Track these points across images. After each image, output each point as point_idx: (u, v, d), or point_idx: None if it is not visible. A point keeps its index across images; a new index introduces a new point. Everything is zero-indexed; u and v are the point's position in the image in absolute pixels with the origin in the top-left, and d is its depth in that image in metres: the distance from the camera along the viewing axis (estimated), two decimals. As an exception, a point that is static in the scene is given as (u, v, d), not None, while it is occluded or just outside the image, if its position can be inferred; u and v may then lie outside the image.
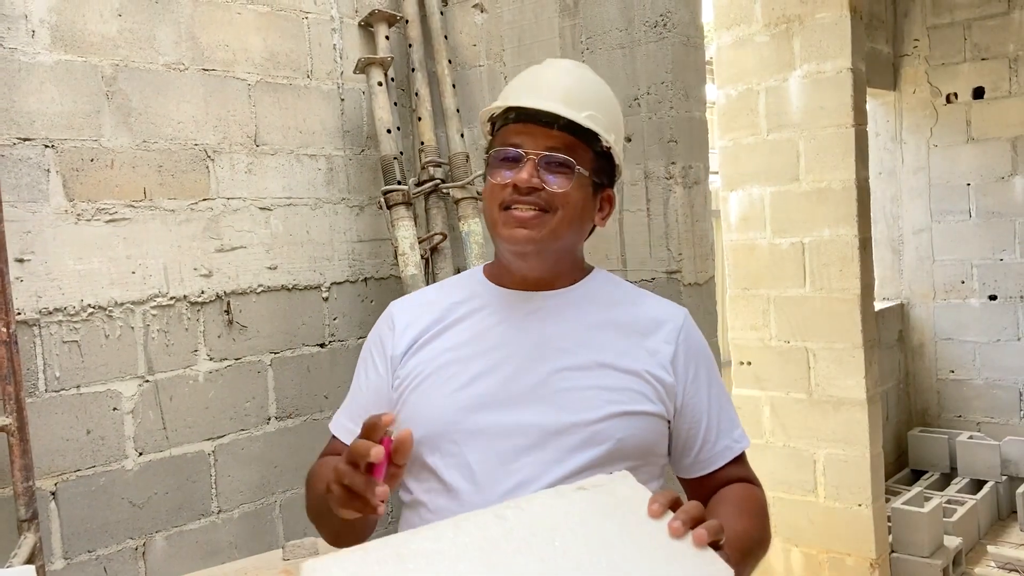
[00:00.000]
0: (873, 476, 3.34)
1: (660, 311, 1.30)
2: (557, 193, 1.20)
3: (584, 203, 1.23)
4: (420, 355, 1.25)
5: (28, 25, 1.83)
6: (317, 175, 2.37)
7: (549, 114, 1.20)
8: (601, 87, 1.30)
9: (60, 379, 1.87)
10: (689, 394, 1.24)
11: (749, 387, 3.63)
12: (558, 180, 1.20)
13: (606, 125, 1.25)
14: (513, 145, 1.21)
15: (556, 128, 1.20)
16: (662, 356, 1.24)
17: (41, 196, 1.84)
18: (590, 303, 1.28)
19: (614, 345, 1.23)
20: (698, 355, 1.28)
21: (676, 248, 2.12)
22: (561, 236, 1.22)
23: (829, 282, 3.38)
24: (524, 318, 1.26)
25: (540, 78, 1.27)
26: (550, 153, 1.20)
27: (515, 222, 1.20)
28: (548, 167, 1.20)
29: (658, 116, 2.12)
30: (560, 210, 1.20)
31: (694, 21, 2.18)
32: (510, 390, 1.20)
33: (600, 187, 1.27)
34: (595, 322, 1.26)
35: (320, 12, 2.38)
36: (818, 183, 3.40)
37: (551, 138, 1.20)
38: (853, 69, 3.28)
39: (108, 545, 1.93)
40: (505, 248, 1.25)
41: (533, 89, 1.24)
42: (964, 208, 4.83)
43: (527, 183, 1.18)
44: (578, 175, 1.21)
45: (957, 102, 4.80)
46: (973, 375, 4.90)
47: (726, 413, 1.28)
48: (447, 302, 1.31)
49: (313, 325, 2.35)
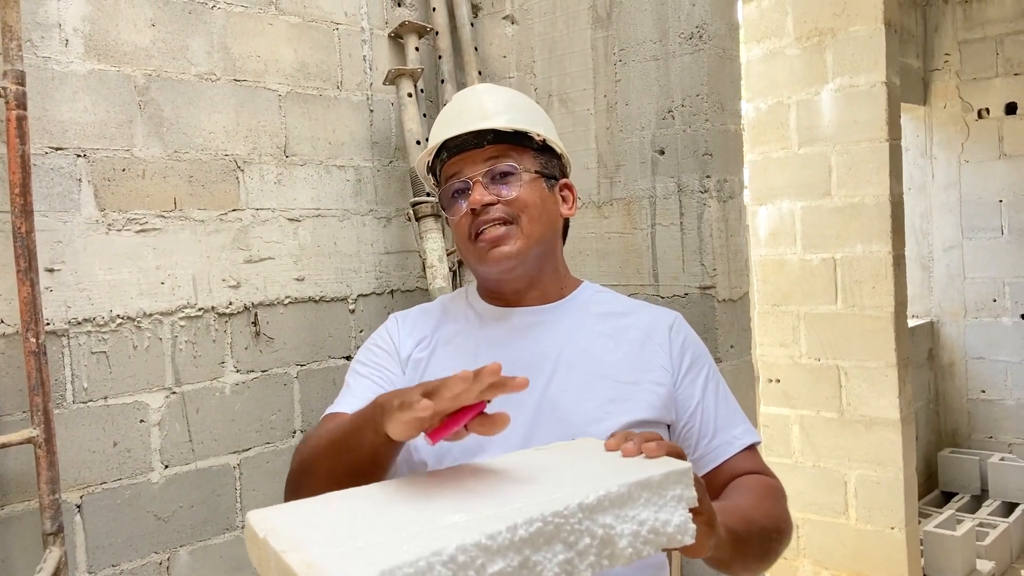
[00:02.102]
0: (907, 498, 3.27)
1: (653, 318, 1.30)
2: (513, 199, 1.22)
3: (543, 199, 1.26)
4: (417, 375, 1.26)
5: (62, 34, 1.83)
6: (345, 186, 2.35)
7: (474, 134, 1.24)
8: (514, 93, 1.34)
9: (88, 390, 1.85)
10: (683, 392, 1.23)
11: (778, 405, 3.57)
12: (508, 188, 1.23)
13: (530, 120, 1.28)
14: (455, 176, 1.25)
15: (486, 144, 1.24)
16: (657, 361, 1.24)
17: (72, 206, 1.83)
18: (582, 315, 1.29)
19: (610, 356, 1.23)
20: (691, 353, 1.27)
21: (710, 263, 2.08)
22: (535, 237, 1.24)
23: (862, 299, 3.32)
24: (518, 334, 1.27)
25: (456, 109, 1.30)
26: (490, 168, 1.23)
27: (488, 245, 1.22)
28: (494, 180, 1.23)
29: (692, 129, 2.08)
30: (522, 215, 1.23)
31: (730, 33, 2.15)
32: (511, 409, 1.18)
33: (553, 180, 1.29)
34: (589, 334, 1.26)
35: (350, 23, 2.37)
36: (851, 198, 3.34)
37: (485, 153, 1.24)
38: (887, 83, 3.23)
39: (132, 559, 1.91)
40: (490, 274, 1.26)
41: (451, 122, 1.28)
42: (996, 225, 4.75)
43: (480, 202, 1.21)
44: (524, 175, 1.24)
45: (989, 117, 4.73)
46: (1005, 395, 4.80)
47: (725, 409, 1.26)
48: (444, 319, 1.33)
49: (339, 337, 2.33)
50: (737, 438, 1.24)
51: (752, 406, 2.48)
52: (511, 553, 0.70)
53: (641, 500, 0.78)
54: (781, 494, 1.21)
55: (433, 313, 1.36)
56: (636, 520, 0.77)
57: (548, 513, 0.72)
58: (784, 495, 1.22)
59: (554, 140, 1.30)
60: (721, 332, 2.08)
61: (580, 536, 0.74)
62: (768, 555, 1.12)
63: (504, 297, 1.30)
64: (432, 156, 1.33)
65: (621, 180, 2.22)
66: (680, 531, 0.80)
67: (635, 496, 0.78)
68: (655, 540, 0.78)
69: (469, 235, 1.24)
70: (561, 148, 1.32)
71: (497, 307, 1.31)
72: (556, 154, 1.32)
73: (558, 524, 0.73)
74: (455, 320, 1.33)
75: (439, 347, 1.29)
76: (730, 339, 2.12)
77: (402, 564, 0.63)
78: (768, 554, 1.12)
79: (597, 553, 0.75)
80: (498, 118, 1.25)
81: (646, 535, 0.78)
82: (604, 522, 0.76)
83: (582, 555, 0.74)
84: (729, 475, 1.21)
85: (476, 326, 1.30)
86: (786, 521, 1.17)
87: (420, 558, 0.64)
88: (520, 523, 0.70)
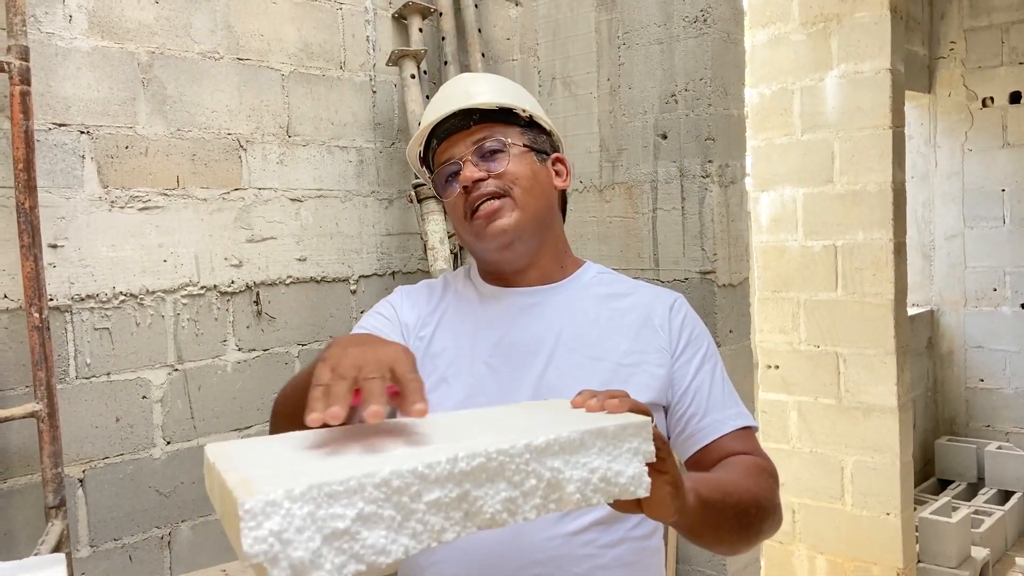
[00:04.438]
0: (902, 485, 3.28)
1: (653, 299, 1.30)
2: (503, 173, 1.23)
3: (535, 172, 1.26)
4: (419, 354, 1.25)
5: (65, 10, 1.82)
6: (348, 167, 2.35)
7: (461, 116, 1.25)
8: (498, 77, 1.37)
9: (91, 366, 1.86)
10: (679, 372, 1.23)
11: (776, 391, 3.58)
12: (497, 163, 1.24)
13: (514, 97, 1.29)
14: (446, 161, 1.26)
15: (472, 125, 1.25)
16: (656, 342, 1.23)
17: (76, 182, 1.84)
18: (583, 297, 1.29)
19: (609, 339, 1.23)
20: (688, 334, 1.26)
21: (711, 248, 2.08)
22: (530, 209, 1.24)
23: (862, 286, 3.32)
24: (517, 315, 1.27)
25: (442, 97, 1.31)
26: (478, 145, 1.24)
27: (484, 221, 1.22)
28: (484, 158, 1.24)
29: (695, 113, 2.08)
30: (514, 186, 1.23)
31: (735, 17, 2.14)
32: (508, 391, 1.20)
33: (543, 154, 1.30)
34: (589, 316, 1.26)
35: (354, 3, 2.37)
36: (853, 185, 3.34)
37: (472, 134, 1.25)
38: (892, 70, 3.22)
39: (134, 533, 1.93)
40: (489, 250, 1.26)
41: (437, 107, 1.29)
42: (998, 214, 4.74)
43: (471, 178, 1.22)
44: (512, 149, 1.25)
45: (993, 106, 4.71)
46: (1003, 384, 4.81)
47: (720, 390, 1.25)
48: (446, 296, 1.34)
49: (340, 318, 2.34)
50: (730, 419, 1.22)
51: (750, 391, 2.49)
52: (450, 484, 0.69)
53: (595, 449, 0.78)
54: (770, 475, 1.18)
55: (436, 290, 1.36)
56: (587, 468, 0.77)
57: (492, 450, 0.72)
58: (774, 476, 1.20)
59: (541, 116, 1.31)
60: (720, 317, 2.09)
61: (526, 477, 0.74)
62: (746, 531, 1.09)
63: (504, 277, 1.30)
64: (423, 147, 1.33)
65: (623, 164, 2.22)
66: (633, 483, 0.79)
67: (588, 444, 0.77)
68: (606, 489, 0.78)
69: (465, 214, 1.24)
70: (550, 124, 1.33)
71: (497, 287, 1.31)
72: (545, 131, 1.32)
73: (502, 462, 0.72)
74: (456, 298, 1.33)
75: (440, 326, 1.29)
76: (729, 324, 2.13)
77: (332, 481, 0.63)
78: (746, 530, 1.09)
79: (544, 496, 0.75)
80: (481, 97, 1.26)
81: (596, 483, 0.77)
82: (552, 465, 0.75)
83: (527, 496, 0.74)
84: (719, 455, 1.19)
85: (476, 306, 1.31)
86: (770, 500, 1.14)
87: (352, 477, 0.64)
88: (461, 456, 0.70)
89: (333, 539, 0.63)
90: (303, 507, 0.62)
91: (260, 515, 0.61)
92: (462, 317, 1.30)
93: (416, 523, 0.67)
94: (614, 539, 1.15)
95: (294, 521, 0.62)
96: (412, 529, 0.67)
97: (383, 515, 0.66)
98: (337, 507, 0.64)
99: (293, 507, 0.62)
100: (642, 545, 1.19)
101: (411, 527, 0.67)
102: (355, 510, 0.64)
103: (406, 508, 0.67)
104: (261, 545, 0.61)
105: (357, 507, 0.64)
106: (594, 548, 1.14)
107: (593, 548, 1.14)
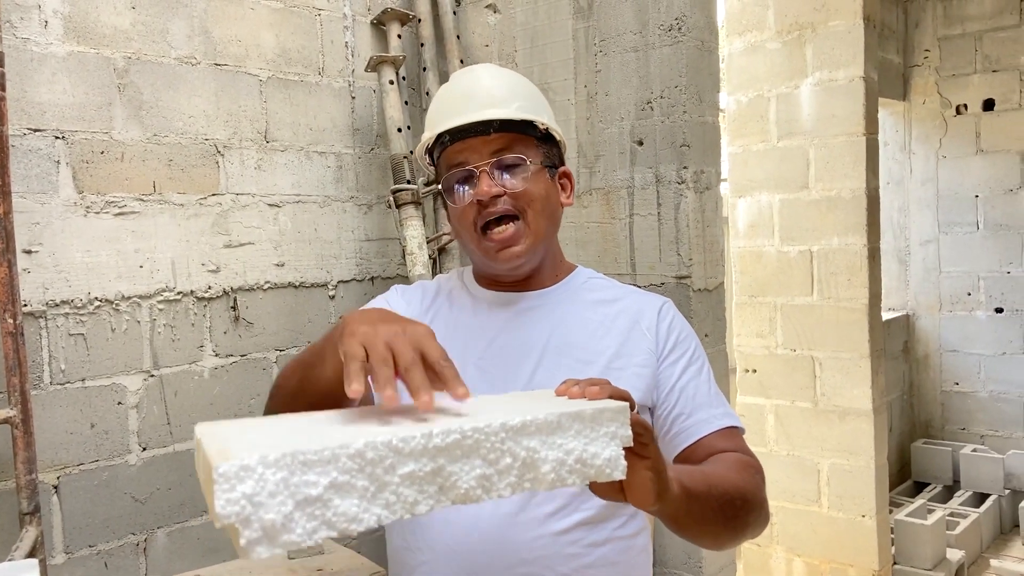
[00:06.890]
0: (877, 487, 3.33)
1: (641, 304, 1.31)
2: (520, 192, 1.21)
3: (548, 191, 1.26)
4: None
5: (41, 15, 1.82)
6: (326, 172, 2.36)
7: (483, 122, 1.21)
8: (516, 76, 1.32)
9: (65, 372, 1.85)
10: (664, 373, 1.24)
11: (754, 395, 3.61)
12: (516, 179, 1.22)
13: (535, 109, 1.27)
14: (460, 165, 1.23)
15: (493, 132, 1.22)
16: (643, 345, 1.25)
17: (50, 187, 1.83)
18: (574, 302, 1.30)
19: (598, 343, 1.25)
20: (675, 336, 1.28)
21: (686, 253, 2.11)
22: (541, 231, 1.24)
23: (837, 291, 3.36)
24: (510, 321, 1.28)
25: (459, 92, 1.27)
26: (499, 158, 1.22)
27: (498, 246, 1.22)
28: (501, 171, 1.22)
29: (671, 120, 2.11)
30: (529, 208, 1.22)
31: (709, 25, 2.17)
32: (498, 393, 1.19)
33: (553, 169, 1.29)
34: (579, 321, 1.27)
35: (333, 9, 2.37)
36: (828, 191, 3.39)
37: (492, 143, 1.22)
38: (866, 78, 3.27)
39: (109, 540, 1.92)
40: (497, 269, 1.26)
41: (457, 107, 1.25)
42: (972, 220, 4.82)
43: (488, 193, 1.20)
44: (532, 167, 1.23)
45: (967, 113, 4.79)
46: (978, 388, 4.88)
47: (706, 391, 1.26)
48: (439, 299, 1.34)
49: (319, 323, 2.34)
50: (716, 418, 1.23)
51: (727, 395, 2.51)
52: (424, 459, 0.71)
53: (571, 431, 0.79)
54: (756, 471, 1.19)
55: (429, 291, 1.37)
56: (563, 449, 0.79)
57: (468, 428, 0.73)
58: (760, 473, 1.20)
59: (555, 128, 1.30)
60: (696, 321, 2.11)
61: (501, 455, 0.75)
62: (731, 523, 1.09)
63: (500, 282, 1.31)
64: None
65: (600, 170, 2.25)
66: (610, 466, 0.81)
67: (565, 426, 0.79)
68: (581, 471, 0.80)
69: (475, 226, 1.23)
70: (560, 135, 1.32)
71: (492, 291, 1.32)
72: (555, 141, 1.31)
73: (478, 440, 0.74)
74: (449, 301, 1.34)
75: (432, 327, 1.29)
76: (705, 328, 2.15)
77: (307, 450, 0.65)
78: (731, 522, 1.09)
79: (519, 475, 0.76)
80: (507, 106, 1.23)
81: (572, 464, 0.79)
82: (528, 445, 0.77)
83: (502, 474, 0.75)
84: (705, 453, 1.20)
85: (468, 309, 1.31)
86: (755, 494, 1.14)
87: (326, 448, 0.66)
88: (436, 432, 0.71)
89: (305, 505, 0.65)
90: (276, 473, 0.64)
91: (233, 479, 0.63)
92: (454, 319, 1.31)
93: (390, 494, 0.69)
94: (600, 538, 1.17)
95: (267, 486, 0.64)
96: (385, 500, 0.69)
97: (356, 485, 0.68)
98: (311, 475, 0.66)
99: (267, 472, 0.64)
100: (628, 544, 1.21)
101: (384, 498, 0.69)
102: (328, 478, 0.66)
103: (380, 480, 0.69)
104: (233, 507, 0.63)
105: (330, 476, 0.66)
106: (580, 547, 1.16)
107: (579, 547, 1.16)
